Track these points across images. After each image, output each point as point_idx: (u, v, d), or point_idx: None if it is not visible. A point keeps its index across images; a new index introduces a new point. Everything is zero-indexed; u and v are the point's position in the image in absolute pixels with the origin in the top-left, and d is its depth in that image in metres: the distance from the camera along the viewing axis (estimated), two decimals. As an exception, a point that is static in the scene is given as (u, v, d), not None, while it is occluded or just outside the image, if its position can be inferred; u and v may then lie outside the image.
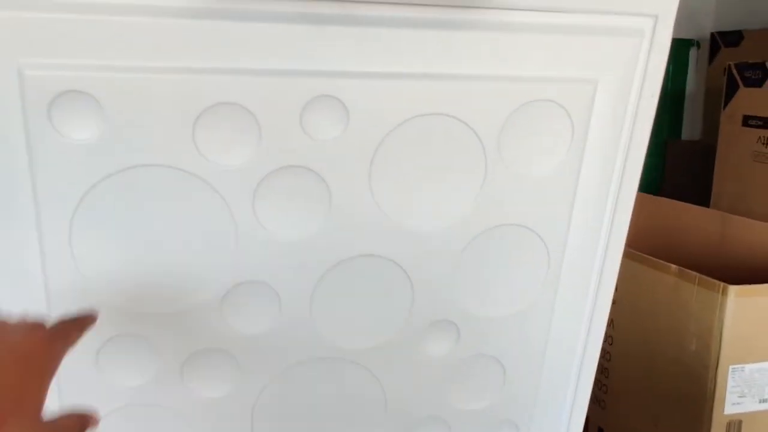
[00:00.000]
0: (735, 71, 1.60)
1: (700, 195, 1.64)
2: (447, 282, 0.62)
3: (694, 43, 2.31)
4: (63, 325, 0.47)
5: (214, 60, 0.51)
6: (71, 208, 0.52)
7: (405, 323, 0.63)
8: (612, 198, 0.64)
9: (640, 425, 1.02)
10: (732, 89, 1.61)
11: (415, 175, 0.58)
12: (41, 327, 0.45)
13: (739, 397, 0.90)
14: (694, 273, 0.91)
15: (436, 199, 0.59)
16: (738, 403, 0.90)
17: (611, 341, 1.07)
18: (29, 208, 0.52)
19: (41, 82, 0.48)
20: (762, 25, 2.04)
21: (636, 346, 1.03)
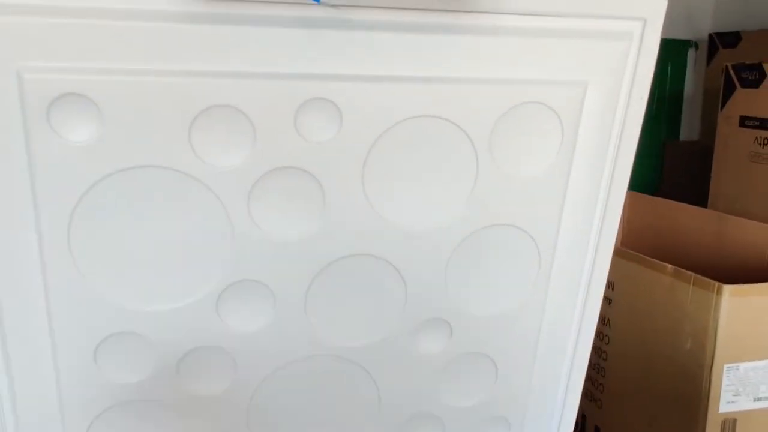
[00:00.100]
0: (732, 72, 1.59)
1: (698, 195, 1.63)
2: (439, 281, 0.63)
3: (692, 44, 2.30)
4: None
5: (209, 63, 0.51)
6: (70, 208, 0.53)
7: (398, 321, 0.64)
8: (602, 199, 0.64)
9: (636, 424, 1.03)
10: (729, 90, 1.60)
11: (408, 176, 0.59)
12: None
13: (734, 395, 0.91)
14: (690, 273, 0.92)
15: (429, 200, 0.60)
16: (733, 402, 0.91)
17: (608, 340, 1.07)
18: (28, 209, 0.52)
19: (40, 85, 0.49)
20: (760, 26, 2.03)
21: (632, 345, 1.03)
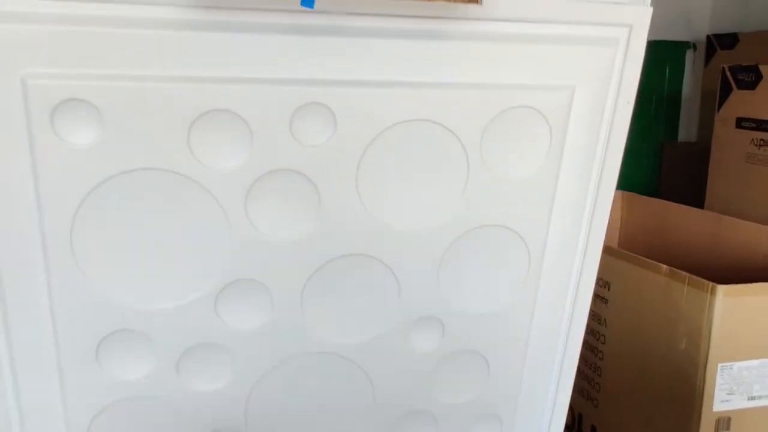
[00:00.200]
0: (729, 74, 1.58)
1: (696, 196, 1.63)
2: (432, 280, 0.64)
3: (690, 46, 2.30)
4: None
5: (207, 69, 0.53)
6: (72, 209, 0.54)
7: (392, 320, 0.65)
8: (590, 200, 0.65)
9: (632, 423, 1.02)
10: (726, 91, 1.59)
11: (401, 178, 0.60)
12: None
13: (728, 394, 0.90)
14: (684, 273, 0.91)
15: (421, 201, 0.61)
16: (727, 401, 0.90)
17: (604, 340, 1.07)
18: (32, 210, 0.53)
19: (44, 90, 0.50)
20: (757, 28, 2.03)
21: (628, 344, 1.02)
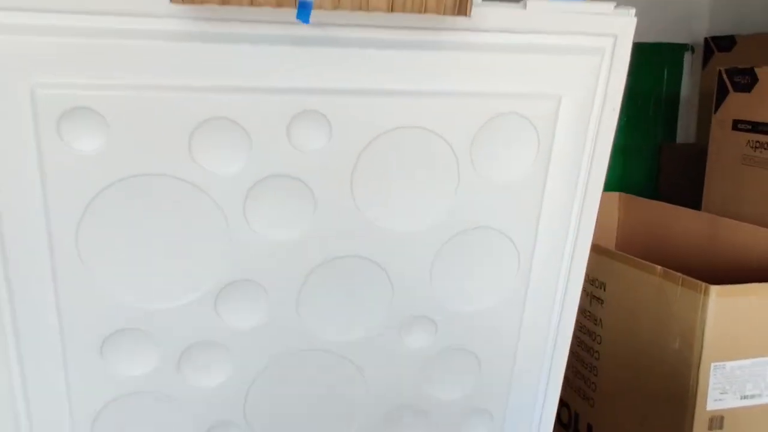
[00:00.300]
0: (725, 76, 1.57)
1: (694, 197, 1.62)
2: (424, 280, 0.66)
3: (688, 48, 2.31)
4: None
5: (208, 79, 0.55)
6: (78, 212, 0.56)
7: (385, 318, 0.67)
8: (578, 202, 0.67)
9: (627, 421, 1.03)
10: (722, 94, 1.58)
11: (393, 182, 0.62)
12: None
13: (721, 393, 0.90)
14: (678, 274, 0.91)
15: (413, 205, 0.63)
16: (720, 400, 0.91)
17: (600, 340, 1.07)
18: (40, 213, 0.55)
19: (51, 99, 0.52)
20: (754, 30, 2.04)
21: (623, 344, 1.02)
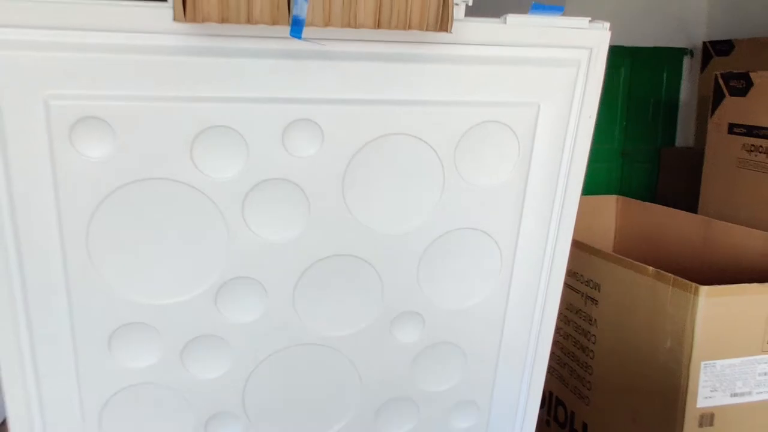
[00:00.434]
0: (721, 80, 1.58)
1: (693, 200, 1.64)
2: (412, 278, 0.69)
3: (687, 52, 2.33)
4: None
5: (208, 90, 0.59)
6: (88, 214, 0.59)
7: (376, 314, 0.70)
8: (558, 204, 0.70)
9: (621, 419, 1.03)
10: (718, 98, 1.59)
11: (382, 185, 0.65)
12: None
13: (711, 391, 0.92)
14: (669, 274, 0.93)
15: (401, 207, 0.66)
16: (710, 397, 0.92)
17: (594, 340, 1.08)
18: (52, 215, 0.59)
19: (63, 110, 0.56)
20: (752, 35, 2.06)
21: (617, 344, 1.04)
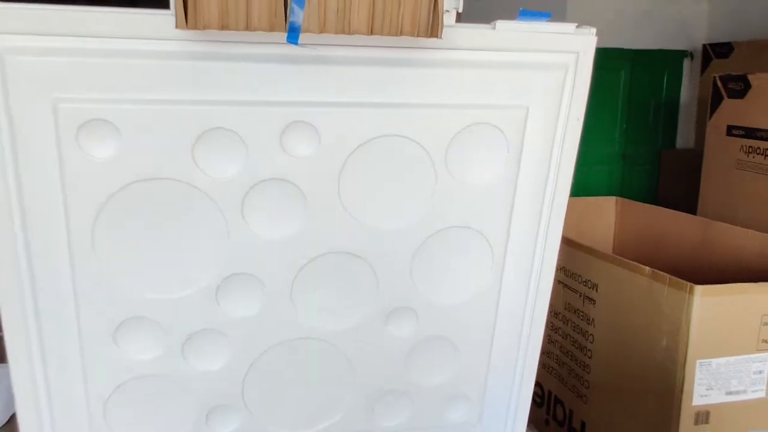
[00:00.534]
0: (719, 83, 1.62)
1: (693, 202, 1.67)
2: (405, 274, 0.72)
3: (687, 54, 2.35)
4: None
5: (209, 93, 0.61)
6: (94, 212, 0.62)
7: (370, 309, 0.72)
8: (547, 204, 0.73)
9: (618, 418, 1.05)
10: (717, 100, 1.63)
11: (376, 185, 0.68)
12: None
13: (707, 389, 0.93)
14: (665, 274, 0.94)
15: (394, 206, 0.69)
16: (705, 395, 0.93)
17: (592, 339, 1.10)
18: (60, 213, 0.61)
19: (71, 112, 0.59)
20: (751, 37, 2.08)
21: (614, 343, 1.05)
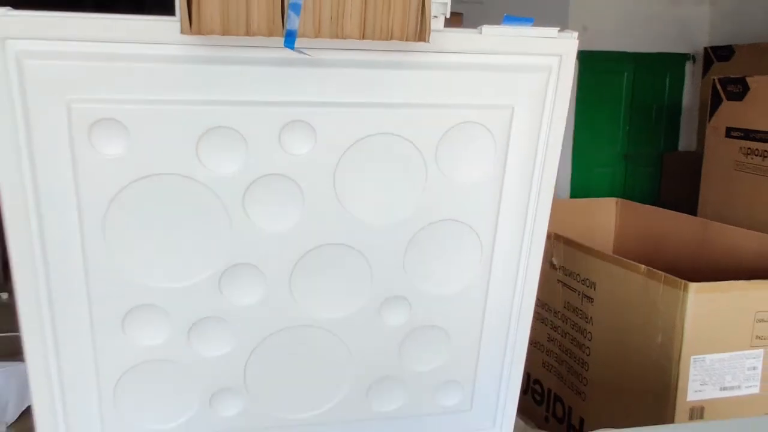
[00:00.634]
0: (718, 85, 1.64)
1: (695, 203, 1.69)
2: (398, 265, 0.75)
3: (689, 57, 2.37)
4: None
5: (212, 94, 0.65)
6: (104, 205, 0.66)
7: (365, 298, 0.76)
8: (533, 198, 0.76)
9: (616, 414, 1.06)
10: (716, 102, 1.65)
11: (370, 180, 0.71)
12: None
13: (701, 385, 0.95)
14: (661, 272, 0.96)
15: (387, 200, 0.72)
16: (700, 391, 0.95)
17: (590, 337, 1.12)
18: (72, 206, 0.65)
19: (83, 112, 0.62)
20: (752, 40, 2.10)
21: (612, 340, 1.07)
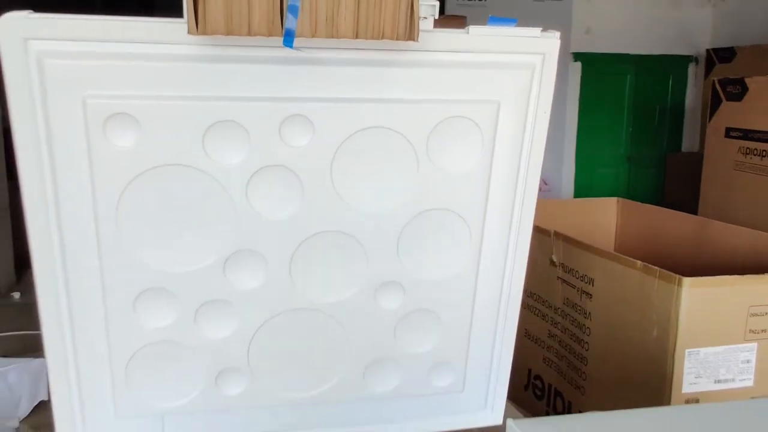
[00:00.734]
0: (718, 86, 1.66)
1: (698, 203, 1.71)
2: (392, 252, 0.79)
3: (692, 59, 2.39)
4: None
5: (217, 90, 0.69)
6: (117, 194, 0.70)
7: (361, 283, 0.79)
8: (520, 188, 0.80)
9: (614, 408, 1.03)
10: (716, 103, 1.67)
11: (365, 171, 0.75)
12: None
13: (696, 377, 0.97)
14: (656, 268, 0.98)
15: (381, 189, 0.76)
16: (695, 383, 0.97)
17: (589, 332, 1.14)
18: (88, 195, 0.69)
19: (98, 107, 0.67)
20: (753, 42, 2.12)
21: (610, 335, 1.09)
